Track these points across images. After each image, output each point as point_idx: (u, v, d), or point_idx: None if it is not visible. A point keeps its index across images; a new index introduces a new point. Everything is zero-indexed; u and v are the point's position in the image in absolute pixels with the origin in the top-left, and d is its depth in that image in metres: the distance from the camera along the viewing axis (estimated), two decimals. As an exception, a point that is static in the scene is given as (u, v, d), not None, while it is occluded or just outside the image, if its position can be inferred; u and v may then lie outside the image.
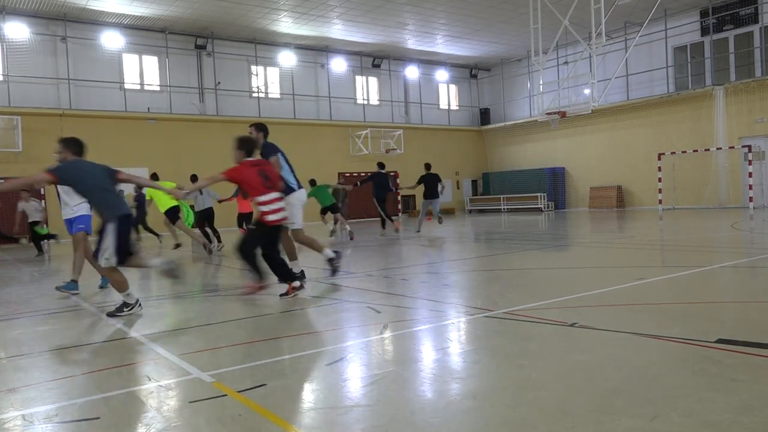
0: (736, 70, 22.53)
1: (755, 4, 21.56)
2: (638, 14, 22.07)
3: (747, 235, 12.24)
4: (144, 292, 8.01)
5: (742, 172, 21.66)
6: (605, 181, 26.32)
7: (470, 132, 31.87)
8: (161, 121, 22.38)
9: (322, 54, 26.67)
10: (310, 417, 3.01)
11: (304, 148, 25.43)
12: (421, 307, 5.86)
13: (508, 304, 5.66)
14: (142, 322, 5.68)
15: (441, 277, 7.91)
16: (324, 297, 6.65)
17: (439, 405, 3.09)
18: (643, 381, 3.24)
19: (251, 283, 6.52)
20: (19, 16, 19.96)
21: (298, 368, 3.87)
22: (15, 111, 19.47)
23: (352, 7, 21.20)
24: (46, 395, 3.52)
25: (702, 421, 2.67)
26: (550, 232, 14.91)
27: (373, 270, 9.00)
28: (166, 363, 4.14)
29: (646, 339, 4.13)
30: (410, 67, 29.25)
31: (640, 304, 5.43)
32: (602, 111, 25.05)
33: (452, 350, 4.21)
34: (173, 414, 3.13)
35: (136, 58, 22.53)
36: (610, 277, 7.30)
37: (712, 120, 22.27)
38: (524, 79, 29.92)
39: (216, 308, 6.34)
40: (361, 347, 4.36)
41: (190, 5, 20.15)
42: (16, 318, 6.18)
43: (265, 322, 5.49)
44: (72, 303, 6.92)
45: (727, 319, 4.78)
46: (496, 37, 26.08)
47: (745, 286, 6.51)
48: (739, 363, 3.49)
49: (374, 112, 28.68)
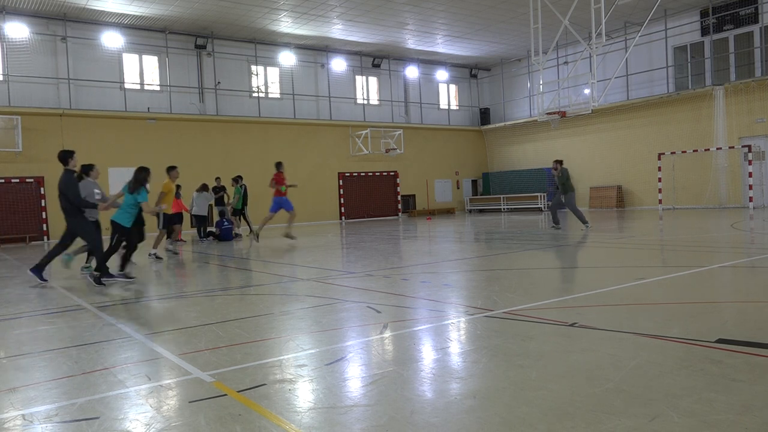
0: (736, 70, 22.52)
1: (755, 4, 21.56)
2: (638, 14, 22.07)
3: (747, 235, 12.24)
4: (144, 291, 8.01)
5: (742, 172, 21.66)
6: (605, 181, 26.32)
7: (470, 132, 31.87)
8: (161, 121, 22.37)
9: (322, 54, 26.67)
10: (310, 417, 3.01)
11: (304, 148, 25.46)
12: (421, 307, 5.86)
13: (508, 304, 5.66)
14: (142, 321, 5.68)
15: (441, 277, 7.91)
16: (324, 297, 6.65)
17: (439, 405, 3.09)
18: (643, 381, 3.24)
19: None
20: (19, 16, 19.95)
21: (298, 368, 3.87)
22: (15, 111, 19.46)
23: (352, 7, 21.20)
24: (46, 395, 3.52)
25: (702, 421, 2.67)
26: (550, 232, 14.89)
27: (373, 270, 9.00)
28: (166, 363, 4.14)
29: (646, 339, 4.13)
30: (410, 67, 29.25)
31: (640, 304, 5.43)
32: (602, 111, 25.05)
33: (452, 350, 4.21)
34: (173, 414, 3.13)
35: (136, 58, 22.53)
36: (610, 277, 7.30)
37: (712, 120, 22.27)
38: (524, 79, 29.93)
39: (216, 308, 6.34)
40: (361, 347, 4.36)
41: (190, 5, 20.15)
42: (16, 318, 6.18)
43: (265, 322, 5.49)
44: (72, 303, 6.93)
45: (727, 319, 4.78)
46: (496, 37, 26.08)
47: (745, 286, 6.51)
48: (740, 363, 3.49)
49: (374, 112, 28.68)
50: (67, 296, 7.44)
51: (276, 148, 24.44)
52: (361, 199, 27.48)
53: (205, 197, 17.08)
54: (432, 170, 30.14)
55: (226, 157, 23.36)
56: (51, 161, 20.56)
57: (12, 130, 19.38)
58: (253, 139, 24.29)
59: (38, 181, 19.98)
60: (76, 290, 8.00)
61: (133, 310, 6.40)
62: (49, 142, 20.12)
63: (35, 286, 8.50)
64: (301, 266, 9.84)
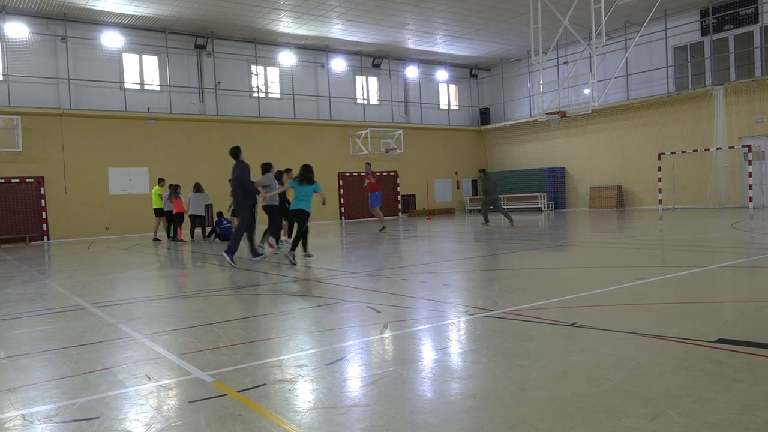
0: (736, 70, 22.52)
1: (755, 4, 21.56)
2: (638, 14, 22.07)
3: (747, 234, 12.24)
4: (144, 291, 8.02)
5: (742, 171, 21.66)
6: (605, 181, 26.32)
7: (470, 132, 31.87)
8: (161, 121, 22.37)
9: (322, 54, 26.67)
10: (310, 417, 3.01)
11: (304, 148, 25.44)
12: (421, 307, 5.86)
13: (508, 304, 5.66)
14: (142, 322, 5.68)
15: (441, 277, 7.91)
16: (324, 297, 6.65)
17: (439, 405, 3.09)
18: (643, 381, 3.24)
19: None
20: (19, 16, 19.95)
21: (298, 368, 3.87)
22: (15, 111, 19.46)
23: (352, 7, 21.20)
24: (46, 395, 3.52)
25: (702, 421, 2.67)
26: (550, 232, 14.91)
27: (373, 270, 9.00)
28: (166, 363, 4.14)
29: (646, 339, 4.13)
30: (410, 67, 29.25)
31: (641, 303, 5.43)
32: (602, 111, 25.05)
33: (452, 350, 4.21)
34: (173, 414, 3.13)
35: (136, 58, 22.52)
36: (610, 277, 7.30)
37: (712, 120, 22.27)
38: (524, 79, 29.93)
39: (216, 308, 6.34)
40: (361, 347, 4.36)
41: (190, 5, 20.15)
42: (16, 318, 6.18)
43: (265, 322, 5.49)
44: (72, 303, 6.93)
45: (727, 319, 4.78)
46: (496, 37, 26.08)
47: (745, 286, 6.51)
48: (739, 363, 3.49)
49: (374, 111, 28.68)
50: (67, 296, 7.44)
51: (276, 148, 24.44)
52: (361, 199, 27.46)
53: (202, 197, 17.16)
54: (432, 170, 30.14)
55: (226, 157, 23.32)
56: (51, 161, 20.74)
57: (12, 130, 19.38)
58: (253, 139, 24.26)
59: (38, 181, 19.98)
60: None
61: (133, 310, 6.40)
62: (49, 142, 20.13)
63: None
64: (301, 266, 9.84)
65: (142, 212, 20.68)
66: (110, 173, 21.34)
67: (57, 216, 20.30)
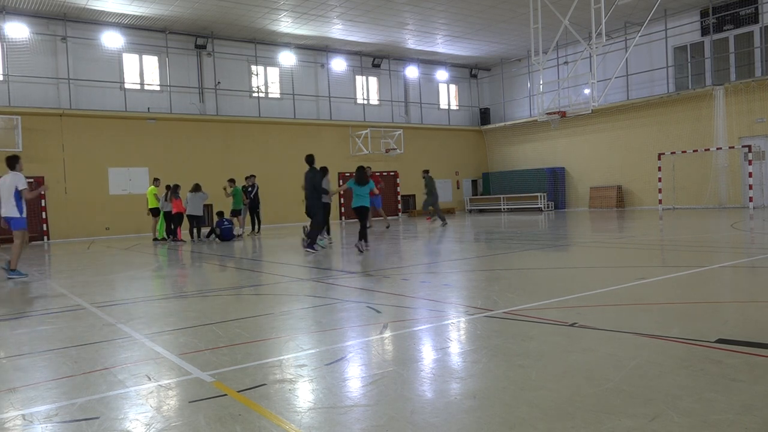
0: (736, 70, 22.52)
1: (755, 4, 21.55)
2: (638, 14, 22.07)
3: (747, 235, 12.24)
4: (144, 291, 8.02)
5: (742, 172, 21.66)
6: (605, 181, 26.32)
7: (470, 132, 31.87)
8: (161, 121, 22.37)
9: (322, 54, 26.67)
10: (310, 417, 3.01)
11: (304, 148, 25.37)
12: (421, 307, 5.86)
13: (508, 304, 5.66)
14: (142, 322, 5.68)
15: (441, 277, 7.91)
16: (324, 297, 6.65)
17: (439, 405, 3.09)
18: (643, 381, 3.24)
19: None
20: (19, 16, 19.95)
21: (297, 368, 3.87)
22: (15, 111, 19.46)
23: (352, 7, 21.20)
24: (46, 395, 3.52)
25: (702, 421, 2.67)
26: (550, 232, 14.91)
27: (373, 270, 9.00)
28: (166, 363, 4.14)
29: (646, 339, 4.13)
30: (410, 67, 29.25)
31: (640, 303, 5.43)
32: (602, 111, 25.05)
33: (452, 350, 4.21)
34: (173, 414, 3.13)
35: (136, 58, 22.52)
36: (610, 277, 7.30)
37: (712, 120, 22.27)
38: (524, 79, 29.92)
39: (216, 308, 6.34)
40: (361, 347, 4.36)
41: (190, 5, 20.15)
42: (16, 318, 6.18)
43: (265, 322, 5.49)
44: (72, 303, 6.93)
45: (727, 319, 4.78)
46: (496, 37, 26.08)
47: (745, 286, 6.51)
48: (740, 363, 3.49)
49: (374, 111, 28.68)
50: (67, 296, 7.44)
51: (276, 148, 24.45)
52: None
53: (199, 197, 17.18)
54: (432, 170, 30.00)
55: (226, 157, 23.37)
56: (51, 161, 20.74)
57: (12, 130, 19.37)
58: (253, 139, 24.29)
59: (38, 181, 19.95)
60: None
61: (133, 310, 6.40)
62: (49, 142, 20.13)
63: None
64: (301, 266, 9.84)
65: (142, 212, 20.66)
66: (110, 173, 21.34)
67: (57, 216, 20.31)
